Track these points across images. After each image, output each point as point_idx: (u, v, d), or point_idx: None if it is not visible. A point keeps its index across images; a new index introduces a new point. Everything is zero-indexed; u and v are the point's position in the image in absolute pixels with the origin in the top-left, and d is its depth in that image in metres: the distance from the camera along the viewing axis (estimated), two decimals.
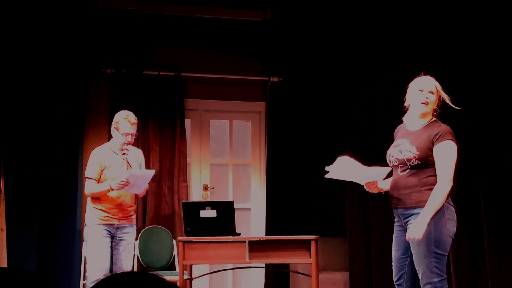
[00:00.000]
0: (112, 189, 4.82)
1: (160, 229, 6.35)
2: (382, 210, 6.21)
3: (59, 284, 5.82)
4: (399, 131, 3.93)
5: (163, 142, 6.54)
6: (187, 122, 6.79)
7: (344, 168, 3.86)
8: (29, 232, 5.85)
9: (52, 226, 5.87)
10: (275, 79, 6.81)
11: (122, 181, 4.78)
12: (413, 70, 5.05)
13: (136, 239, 6.25)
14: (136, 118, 5.02)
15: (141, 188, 4.96)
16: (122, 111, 5.04)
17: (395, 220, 3.87)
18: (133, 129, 4.96)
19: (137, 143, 6.43)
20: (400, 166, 3.74)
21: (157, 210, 6.43)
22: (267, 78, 6.85)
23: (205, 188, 6.84)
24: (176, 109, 6.61)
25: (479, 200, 5.67)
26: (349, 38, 6.49)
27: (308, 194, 6.68)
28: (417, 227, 3.56)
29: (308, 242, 4.79)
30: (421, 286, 3.65)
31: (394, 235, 3.88)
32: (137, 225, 6.29)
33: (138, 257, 6.20)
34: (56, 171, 5.02)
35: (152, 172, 5.00)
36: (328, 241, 6.48)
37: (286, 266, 6.22)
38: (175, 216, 6.41)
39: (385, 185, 3.92)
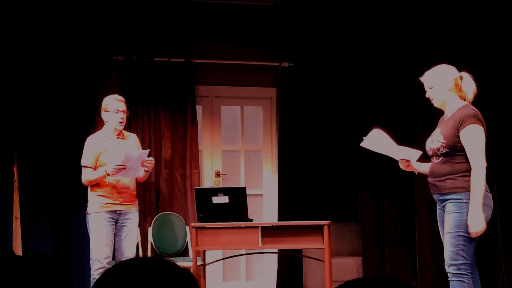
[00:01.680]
0: (108, 174, 4.74)
1: (173, 215, 6.38)
2: (395, 194, 6.20)
3: (74, 269, 5.86)
4: (439, 121, 3.98)
5: (174, 129, 6.55)
6: (198, 108, 6.78)
7: (378, 141, 4.01)
8: (43, 219, 5.89)
9: (66, 213, 5.91)
10: (286, 65, 6.78)
11: (118, 165, 4.68)
12: (425, 55, 5.03)
13: (150, 225, 6.28)
14: (123, 97, 4.99)
15: (137, 171, 4.85)
16: (106, 97, 5.02)
17: (437, 204, 3.95)
18: (123, 106, 4.92)
19: (148, 130, 6.45)
20: (434, 155, 3.84)
21: (169, 196, 6.45)
22: (278, 64, 6.82)
23: (217, 174, 6.85)
24: (187, 95, 6.60)
25: (492, 180, 5.62)
26: (361, 21, 6.44)
27: (320, 179, 6.67)
28: (474, 221, 3.62)
29: (320, 227, 4.79)
30: (445, 266, 3.69)
31: (438, 218, 3.96)
32: (150, 211, 6.37)
33: (151, 243, 6.23)
34: (68, 158, 5.04)
35: (146, 152, 4.91)
36: (341, 226, 6.47)
37: (299, 251, 6.23)
38: (188, 203, 6.42)
39: (419, 166, 4.03)
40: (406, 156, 4.00)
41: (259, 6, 6.79)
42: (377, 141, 4.01)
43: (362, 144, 4.08)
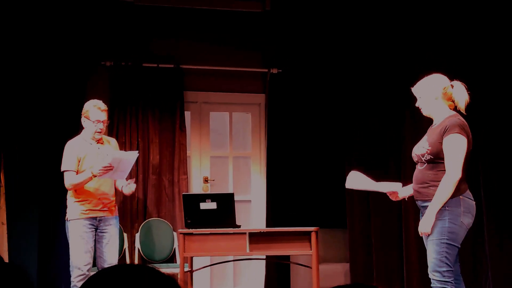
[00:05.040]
0: (95, 176, 4.67)
1: (160, 221, 6.36)
2: (382, 201, 6.21)
3: (60, 275, 5.82)
4: (428, 130, 4.02)
5: (163, 134, 6.53)
6: (187, 114, 6.77)
7: (358, 181, 4.17)
8: (29, 225, 5.85)
9: (53, 218, 5.87)
10: (274, 71, 6.79)
11: (105, 166, 4.63)
12: (413, 60, 5.04)
13: (137, 231, 6.26)
14: (105, 106, 4.91)
15: (125, 173, 4.78)
16: (90, 100, 4.94)
17: (420, 212, 4.00)
18: (104, 116, 4.84)
19: (137, 135, 6.44)
20: (419, 162, 3.89)
21: (157, 202, 6.43)
22: (266, 70, 6.83)
23: (205, 180, 6.84)
24: (175, 101, 6.59)
25: (479, 189, 5.66)
26: (348, 28, 6.46)
27: (308, 185, 6.68)
28: (425, 221, 3.73)
29: (308, 233, 4.79)
30: (429, 272, 3.73)
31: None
32: (137, 217, 6.35)
33: (138, 249, 6.21)
34: (56, 163, 5.01)
35: (136, 154, 4.82)
36: (329, 233, 6.48)
37: (287, 257, 6.22)
38: (176, 209, 6.41)
39: (407, 191, 4.09)
40: (393, 188, 4.08)
41: (248, 13, 6.80)
42: (358, 181, 4.18)
43: (347, 186, 4.26)
